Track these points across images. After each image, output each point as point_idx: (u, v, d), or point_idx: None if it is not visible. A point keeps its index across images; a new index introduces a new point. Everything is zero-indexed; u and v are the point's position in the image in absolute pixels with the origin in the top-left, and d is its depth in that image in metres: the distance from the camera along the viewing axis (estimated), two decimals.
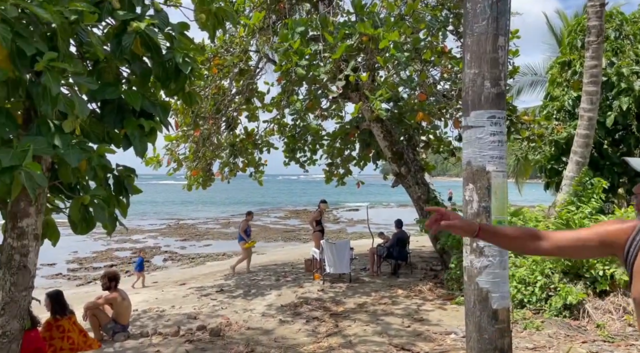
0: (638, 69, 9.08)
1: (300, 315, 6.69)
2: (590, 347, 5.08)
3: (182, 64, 3.37)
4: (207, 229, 22.80)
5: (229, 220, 26.49)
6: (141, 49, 3.17)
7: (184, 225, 24.33)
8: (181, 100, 4.18)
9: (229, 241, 18.56)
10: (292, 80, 8.59)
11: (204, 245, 17.84)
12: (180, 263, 13.91)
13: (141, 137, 3.21)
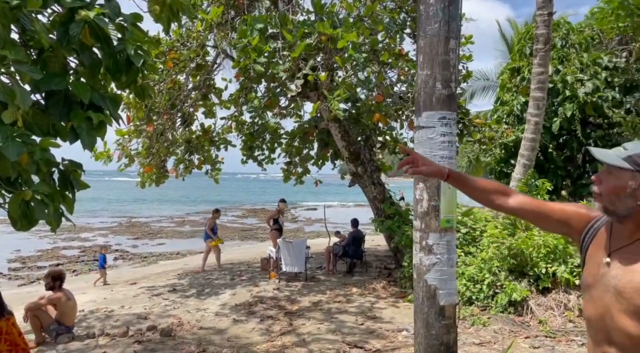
0: (582, 77, 9.55)
1: (255, 314, 6.64)
2: (532, 342, 5.31)
3: (134, 56, 3.27)
4: (161, 227, 22.28)
5: (184, 219, 25.98)
6: (90, 39, 3.05)
7: (137, 223, 23.66)
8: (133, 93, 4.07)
9: (183, 240, 18.23)
10: (250, 77, 8.52)
11: (157, 244, 17.41)
12: (132, 263, 13.52)
13: (89, 130, 3.08)
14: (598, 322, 1.60)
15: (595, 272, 1.63)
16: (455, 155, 2.81)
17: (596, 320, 1.61)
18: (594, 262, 1.65)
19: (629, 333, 1.50)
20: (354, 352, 5.19)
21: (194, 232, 20.56)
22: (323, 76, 7.48)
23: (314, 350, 5.23)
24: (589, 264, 1.68)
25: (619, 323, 1.52)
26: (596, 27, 10.21)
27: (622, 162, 1.54)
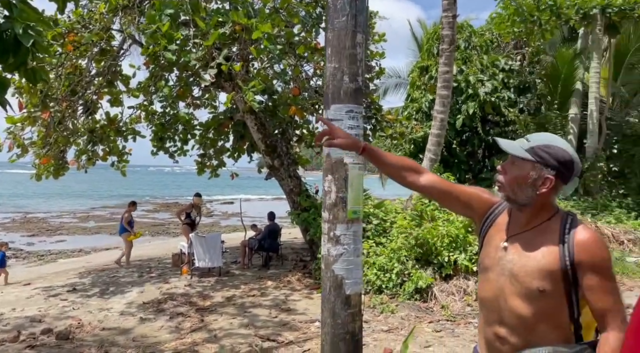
0: (482, 77, 10.24)
1: (164, 312, 6.39)
2: (435, 326, 5.62)
3: (22, 36, 2.99)
4: (62, 223, 20.70)
5: (88, 214, 24.35)
6: None
7: (33, 219, 21.79)
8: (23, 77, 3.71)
9: (87, 236, 17.10)
10: (161, 65, 8.14)
11: (56, 241, 16.16)
12: (27, 262, 12.44)
13: None
14: (492, 303, 1.69)
15: (493, 255, 1.71)
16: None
17: (490, 301, 1.69)
18: (492, 246, 1.73)
19: (519, 314, 1.60)
20: (266, 345, 5.17)
21: (99, 227, 19.38)
22: (237, 66, 7.33)
23: (225, 346, 5.13)
24: (487, 248, 1.76)
25: (511, 304, 1.61)
26: (495, 31, 11.00)
27: (525, 153, 1.62)
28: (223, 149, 10.89)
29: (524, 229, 1.67)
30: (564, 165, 1.60)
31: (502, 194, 1.70)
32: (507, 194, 1.67)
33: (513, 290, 1.62)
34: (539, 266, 1.57)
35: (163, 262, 10.22)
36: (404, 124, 10.66)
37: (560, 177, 1.61)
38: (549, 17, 9.79)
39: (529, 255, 1.61)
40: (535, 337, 1.58)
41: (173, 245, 12.18)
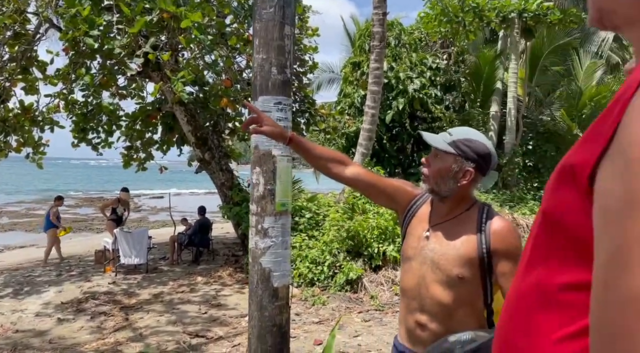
0: (411, 74, 10.58)
1: (84, 312, 6.07)
2: (364, 316, 5.77)
3: None
4: None
5: (1, 210, 22.55)
6: None
7: None
8: None
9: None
10: (82, 52, 7.67)
11: None
12: None
13: None
14: (413, 291, 1.74)
15: (415, 245, 1.77)
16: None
17: (412, 290, 1.75)
18: (414, 236, 1.79)
19: (440, 301, 1.67)
20: (195, 341, 5.07)
21: (13, 224, 17.99)
22: (166, 56, 7.06)
23: (151, 344, 4.97)
24: (409, 238, 1.82)
25: (432, 292, 1.68)
26: (423, 30, 11.40)
27: (447, 146, 1.69)
28: (151, 141, 10.48)
29: (444, 219, 1.74)
30: (483, 159, 1.68)
31: (426, 186, 1.76)
32: (431, 186, 1.73)
33: (434, 278, 1.69)
34: (459, 254, 1.65)
35: (85, 259, 9.70)
36: (336, 119, 10.80)
37: (479, 170, 1.69)
38: (473, 19, 10.31)
39: (449, 243, 1.69)
40: (454, 322, 1.65)
41: (96, 241, 11.57)
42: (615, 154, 0.47)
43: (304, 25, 10.07)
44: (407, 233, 1.85)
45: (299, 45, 9.87)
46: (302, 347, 4.90)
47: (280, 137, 1.87)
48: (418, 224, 1.81)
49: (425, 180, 1.76)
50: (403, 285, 1.82)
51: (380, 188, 1.91)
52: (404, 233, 1.88)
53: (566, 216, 0.54)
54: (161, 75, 8.17)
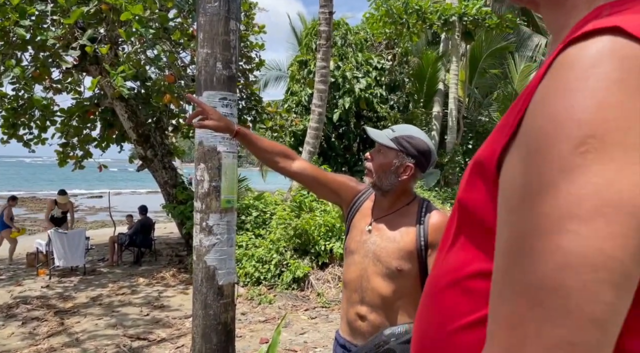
0: (358, 74, 10.73)
1: (15, 317, 5.71)
2: (311, 313, 5.81)
3: None
4: None
5: None
6: None
7: None
8: None
9: None
10: (11, 42, 7.22)
11: None
12: None
13: None
14: (355, 283, 1.78)
15: (358, 238, 1.82)
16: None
17: (354, 282, 1.79)
18: (357, 229, 1.84)
19: (380, 293, 1.71)
20: (136, 344, 4.90)
21: None
22: (104, 49, 6.78)
23: (88, 349, 4.76)
24: (352, 232, 1.86)
25: (373, 283, 1.72)
26: (369, 30, 11.60)
27: (390, 142, 1.74)
28: (89, 138, 10.01)
29: (386, 213, 1.80)
30: (423, 155, 1.75)
31: (369, 180, 1.81)
32: (373, 180, 1.78)
33: (375, 270, 1.73)
34: (399, 247, 1.71)
35: (16, 262, 9.13)
36: (284, 117, 10.77)
37: (419, 166, 1.76)
38: (416, 21, 10.61)
39: (390, 237, 1.74)
40: (393, 313, 1.70)
41: (28, 243, 10.92)
42: (518, 143, 0.47)
43: (250, 22, 9.97)
44: (350, 227, 1.89)
45: (246, 42, 9.76)
46: (247, 346, 4.86)
47: (227, 130, 1.85)
48: (361, 218, 1.86)
49: (368, 174, 1.81)
50: (345, 278, 1.86)
51: (325, 183, 1.95)
52: (347, 227, 1.92)
53: (477, 207, 0.55)
54: (100, 69, 7.84)
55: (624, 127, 0.40)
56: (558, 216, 0.41)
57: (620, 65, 0.41)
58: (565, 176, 0.41)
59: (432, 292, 0.63)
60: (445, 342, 0.58)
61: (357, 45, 11.28)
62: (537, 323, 0.41)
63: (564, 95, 0.43)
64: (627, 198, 0.39)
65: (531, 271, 0.42)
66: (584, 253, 0.39)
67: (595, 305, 0.39)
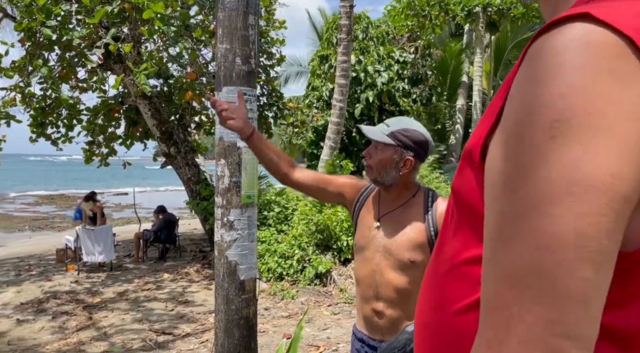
0: (379, 67, 10.63)
1: (45, 312, 5.86)
2: (333, 309, 5.79)
3: None
4: None
5: None
6: None
7: None
8: None
9: None
10: (39, 43, 7.39)
11: None
12: None
13: None
14: (368, 279, 1.78)
15: (367, 234, 1.81)
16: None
17: (367, 278, 1.78)
18: (365, 226, 1.84)
19: (395, 286, 1.70)
20: (161, 339, 4.97)
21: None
22: (127, 47, 6.86)
23: (116, 343, 4.84)
24: (360, 228, 1.86)
25: (387, 277, 1.72)
26: (390, 23, 11.46)
27: (386, 138, 1.73)
28: (114, 136, 10.18)
29: (392, 207, 1.80)
30: (420, 146, 1.75)
31: (370, 177, 1.81)
32: (374, 176, 1.78)
33: (387, 264, 1.73)
34: (409, 239, 1.71)
35: (45, 258, 9.37)
36: (305, 112, 10.76)
37: (418, 157, 1.76)
38: (438, 13, 10.43)
39: (399, 230, 1.74)
40: (410, 306, 1.68)
41: (57, 240, 11.20)
42: (499, 131, 0.49)
43: (271, 17, 9.97)
44: (357, 224, 1.90)
45: (266, 37, 9.77)
46: (271, 340, 4.88)
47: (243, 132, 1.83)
48: (367, 214, 1.86)
49: (369, 171, 1.81)
50: (358, 274, 1.86)
51: (326, 186, 1.95)
52: (355, 224, 1.92)
53: (468, 194, 0.56)
54: (123, 68, 7.95)
55: (588, 110, 0.41)
56: (533, 200, 0.42)
57: (585, 50, 0.43)
58: (538, 160, 0.43)
59: (432, 277, 0.65)
60: (445, 324, 0.60)
61: (378, 39, 11.17)
62: (519, 304, 0.42)
63: (534, 83, 0.44)
64: (594, 177, 0.41)
65: (511, 254, 0.44)
66: (558, 233, 0.41)
67: (572, 282, 0.41)
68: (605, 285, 0.42)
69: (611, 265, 0.42)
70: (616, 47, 0.42)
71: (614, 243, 0.42)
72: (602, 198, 0.40)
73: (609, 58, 0.42)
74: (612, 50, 0.42)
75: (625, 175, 0.41)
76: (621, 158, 0.41)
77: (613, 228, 0.41)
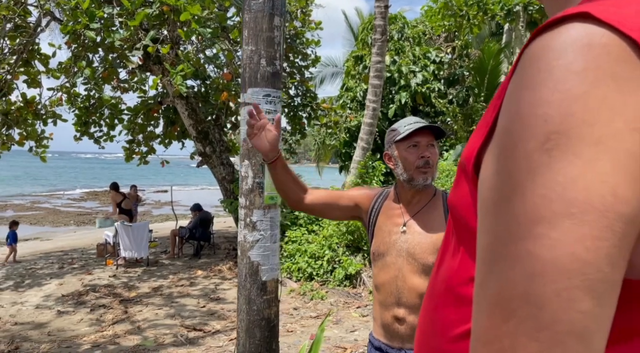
0: (414, 68, 10.49)
1: (85, 304, 6.09)
2: (362, 311, 5.75)
3: None
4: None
5: (6, 203, 22.71)
6: None
7: None
8: None
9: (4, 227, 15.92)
10: (84, 45, 7.69)
11: None
12: None
13: None
14: (389, 286, 1.72)
15: (387, 240, 1.76)
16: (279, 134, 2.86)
17: (388, 284, 1.73)
18: (384, 232, 1.78)
19: (418, 291, 1.65)
20: (192, 335, 5.07)
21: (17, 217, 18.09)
22: (165, 49, 7.05)
23: (149, 337, 4.98)
24: (378, 235, 1.80)
25: (410, 283, 1.67)
26: (427, 23, 11.29)
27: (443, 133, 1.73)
28: (152, 135, 10.48)
29: (416, 210, 1.76)
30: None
31: (428, 178, 1.73)
32: (433, 176, 1.73)
33: (410, 269, 1.69)
34: (432, 241, 1.66)
35: (87, 252, 9.74)
36: (338, 113, 10.74)
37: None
38: (477, 12, 10.20)
39: (422, 232, 1.70)
40: None
41: (99, 235, 11.63)
42: (493, 143, 0.45)
43: (307, 18, 10.01)
44: (375, 232, 1.84)
45: (302, 38, 9.82)
46: (298, 341, 4.89)
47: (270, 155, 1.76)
48: (386, 220, 1.81)
49: (429, 171, 1.72)
50: (377, 281, 1.80)
51: (337, 203, 1.90)
52: (372, 232, 1.86)
53: (463, 209, 0.52)
54: (162, 69, 8.16)
55: (589, 121, 0.37)
56: (527, 220, 0.38)
57: (585, 53, 0.38)
58: (532, 176, 0.38)
59: (431, 297, 0.61)
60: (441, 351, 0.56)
61: (414, 39, 11.03)
62: (511, 338, 0.38)
63: (528, 90, 0.40)
64: (594, 197, 0.36)
65: (503, 280, 0.39)
66: (555, 259, 0.37)
67: (571, 315, 0.36)
68: (608, 318, 0.38)
69: (614, 295, 0.37)
70: (619, 49, 0.38)
71: (617, 270, 0.37)
72: (603, 221, 0.36)
73: (611, 62, 0.38)
74: (614, 53, 0.38)
75: (630, 194, 0.36)
76: (625, 175, 0.36)
77: (616, 253, 0.36)
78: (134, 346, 4.71)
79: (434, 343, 0.57)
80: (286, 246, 7.30)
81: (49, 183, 35.35)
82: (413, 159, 1.72)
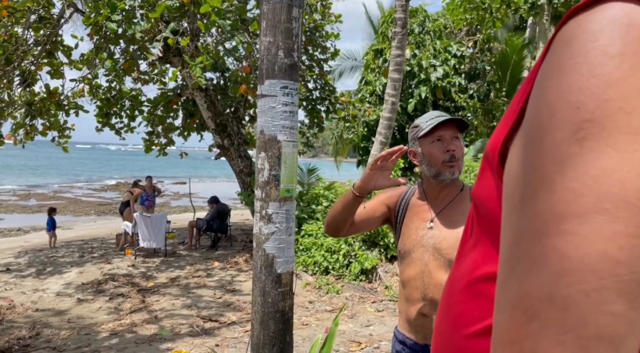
0: (435, 62, 10.35)
1: (104, 293, 6.20)
2: (378, 306, 5.73)
3: None
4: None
5: (29, 192, 23.21)
6: None
7: None
8: None
9: (27, 215, 16.31)
10: (105, 37, 7.77)
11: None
12: None
13: None
14: (415, 281, 1.71)
15: (414, 236, 1.75)
16: (297, 126, 2.82)
17: (414, 280, 1.72)
18: (411, 229, 1.77)
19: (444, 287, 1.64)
20: (208, 325, 5.11)
21: (40, 206, 18.50)
22: (185, 41, 7.08)
23: (165, 326, 5.04)
24: (406, 232, 1.79)
25: (436, 278, 1.65)
26: (449, 17, 11.11)
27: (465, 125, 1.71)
28: (172, 127, 10.57)
29: (443, 206, 1.74)
30: None
31: (456, 173, 1.70)
32: (460, 169, 1.70)
33: (437, 265, 1.67)
34: (458, 237, 1.62)
35: (107, 242, 9.91)
36: (356, 107, 10.68)
37: None
38: (500, 5, 10.00)
39: (449, 227, 1.68)
40: None
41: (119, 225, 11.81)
42: (521, 133, 0.42)
43: (327, 11, 9.95)
44: (402, 229, 1.83)
45: (321, 31, 9.76)
46: (313, 334, 4.89)
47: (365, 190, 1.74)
48: (413, 216, 1.79)
49: (456, 165, 1.70)
50: (404, 277, 1.79)
51: (368, 213, 1.89)
52: (399, 230, 1.84)
53: (488, 201, 0.50)
54: (182, 61, 8.21)
55: (626, 108, 0.34)
56: (554, 215, 0.35)
57: (624, 35, 0.36)
58: (561, 168, 0.36)
59: (450, 293, 0.58)
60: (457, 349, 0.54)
61: (435, 33, 10.87)
62: (533, 341, 0.35)
63: (560, 75, 0.38)
64: (630, 191, 0.33)
65: (527, 279, 0.36)
66: (584, 258, 0.34)
67: (601, 318, 0.33)
68: None
69: None
70: None
71: None
72: (638, 217, 0.33)
73: None
74: None
75: None
76: None
77: None
78: (151, 335, 4.77)
79: (453, 338, 0.55)
80: (302, 239, 7.30)
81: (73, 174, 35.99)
82: (438, 154, 1.68)
